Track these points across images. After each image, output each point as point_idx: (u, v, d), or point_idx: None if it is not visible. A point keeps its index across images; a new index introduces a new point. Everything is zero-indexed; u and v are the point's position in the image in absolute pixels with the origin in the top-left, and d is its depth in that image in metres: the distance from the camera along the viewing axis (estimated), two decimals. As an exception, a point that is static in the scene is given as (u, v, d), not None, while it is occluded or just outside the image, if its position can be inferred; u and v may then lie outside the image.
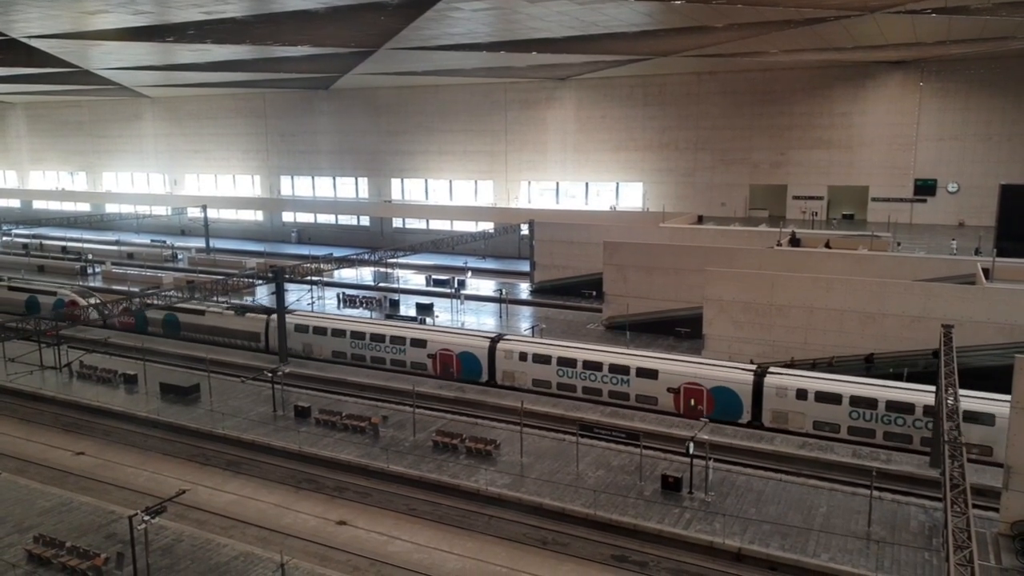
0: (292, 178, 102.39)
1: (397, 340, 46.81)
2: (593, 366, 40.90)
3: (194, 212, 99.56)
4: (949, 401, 24.71)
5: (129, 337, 54.65)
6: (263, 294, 65.02)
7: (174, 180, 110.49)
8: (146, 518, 23.60)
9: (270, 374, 40.66)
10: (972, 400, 32.04)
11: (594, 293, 58.72)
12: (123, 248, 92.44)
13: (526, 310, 61.95)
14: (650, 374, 39.37)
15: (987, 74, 66.21)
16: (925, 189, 69.99)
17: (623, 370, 40.05)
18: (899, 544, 26.14)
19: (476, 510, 30.64)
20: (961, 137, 68.18)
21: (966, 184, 68.23)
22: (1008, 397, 25.16)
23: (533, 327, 52.27)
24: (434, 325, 51.86)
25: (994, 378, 32.08)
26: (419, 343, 46.11)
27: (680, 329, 49.60)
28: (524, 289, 67.95)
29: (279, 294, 48.30)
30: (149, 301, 50.09)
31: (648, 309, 51.45)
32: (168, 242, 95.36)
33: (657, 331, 50.83)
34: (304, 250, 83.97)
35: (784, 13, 43.94)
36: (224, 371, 46.53)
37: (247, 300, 61.84)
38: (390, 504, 31.53)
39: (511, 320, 58.36)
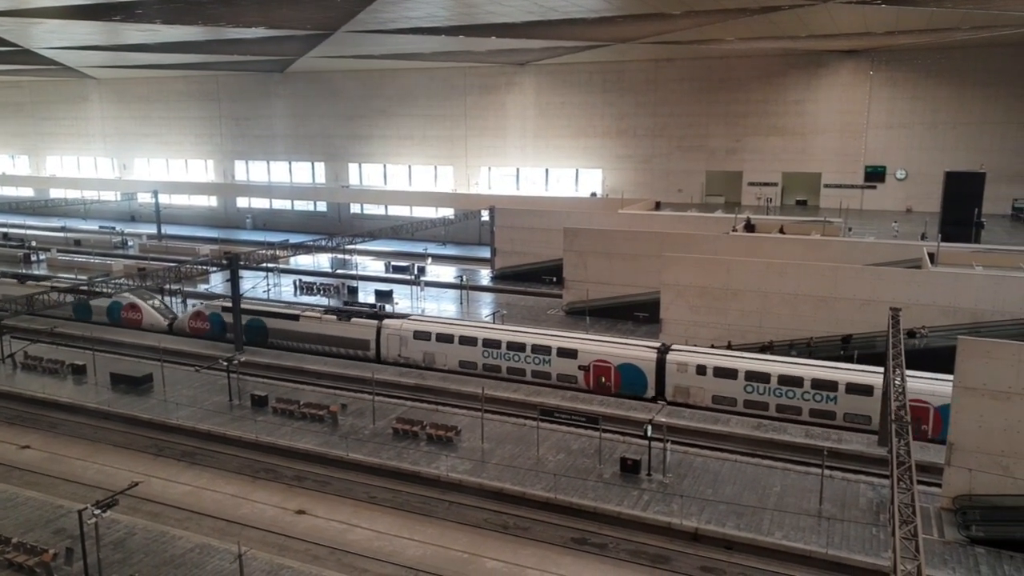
0: (247, 163, 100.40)
1: (541, 349, 41.48)
2: (725, 373, 37.36)
3: (145, 197, 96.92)
4: (896, 382, 25.43)
5: (77, 326, 52.55)
6: (217, 282, 63.81)
7: (123, 164, 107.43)
8: (96, 512, 23.04)
9: (225, 363, 39.99)
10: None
11: (554, 279, 58.97)
12: (69, 235, 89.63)
13: (487, 296, 61.95)
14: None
15: (933, 64, 67.94)
16: (875, 176, 71.74)
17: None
18: (849, 520, 26.93)
19: (437, 496, 30.65)
20: (909, 125, 69.96)
21: (913, 171, 70.12)
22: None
23: (494, 313, 52.27)
24: (586, 333, 45.88)
25: (940, 359, 33.15)
26: (568, 353, 40.85)
27: (639, 314, 50.15)
28: (485, 275, 67.88)
29: (234, 281, 47.42)
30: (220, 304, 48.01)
31: (607, 294, 51.88)
32: (117, 228, 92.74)
33: (616, 316, 51.35)
34: (260, 236, 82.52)
35: (741, 1, 44.48)
36: (178, 360, 45.60)
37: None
38: (350, 492, 31.35)
39: (472, 307, 58.29)
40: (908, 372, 35.08)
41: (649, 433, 30.92)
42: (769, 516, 27.44)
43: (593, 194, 79.31)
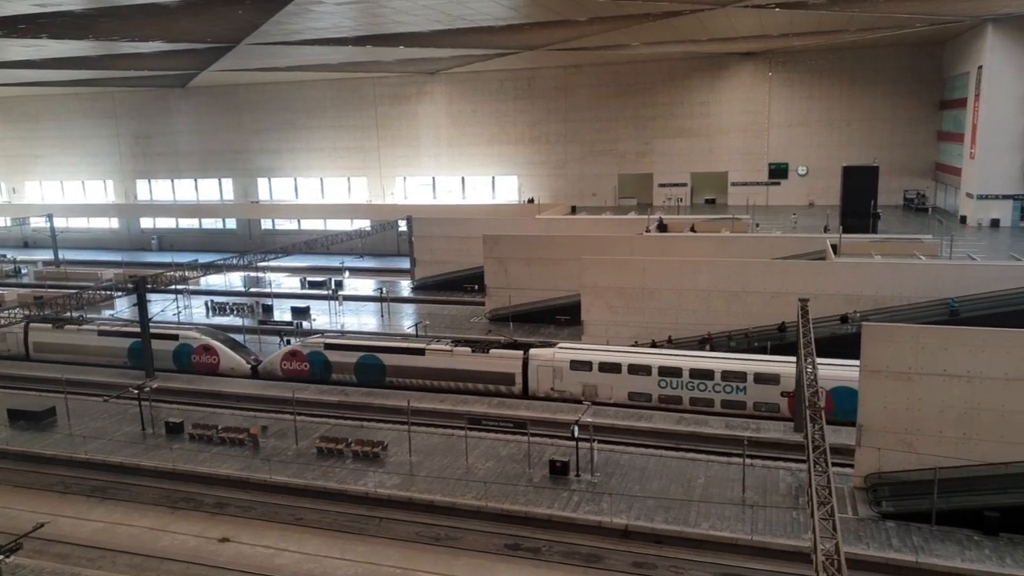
0: (149, 182, 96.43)
1: (734, 376, 36.76)
2: None
3: (38, 222, 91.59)
4: (808, 370, 26.50)
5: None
6: (123, 306, 60.86)
7: (12, 188, 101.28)
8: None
9: (136, 391, 38.12)
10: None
11: (476, 287, 58.92)
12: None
13: (408, 307, 61.32)
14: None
15: (826, 65, 71.63)
16: (778, 172, 74.97)
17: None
18: (771, 506, 27.85)
19: (366, 514, 30.03)
20: (807, 123, 73.47)
21: (813, 167, 73.63)
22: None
23: (416, 324, 51.77)
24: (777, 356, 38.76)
25: (845, 345, 34.80)
26: (768, 379, 36.05)
27: (560, 317, 50.65)
28: (405, 286, 67.18)
29: (141, 306, 45.32)
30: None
31: (529, 299, 52.18)
32: (9, 256, 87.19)
33: (539, 320, 51.70)
34: (166, 257, 79.23)
35: (644, 7, 45.63)
36: (82, 391, 43.16)
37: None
38: (275, 516, 30.36)
39: (394, 319, 57.57)
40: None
41: (576, 434, 31.19)
42: (695, 508, 28.08)
43: (531, 200, 79.43)
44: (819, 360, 26.89)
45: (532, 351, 40.81)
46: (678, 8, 46.50)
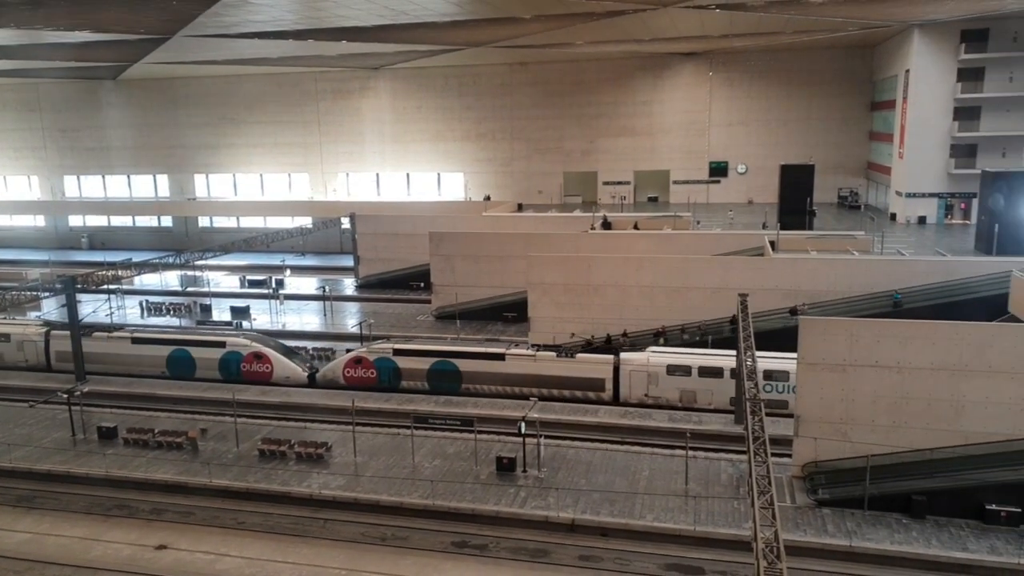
0: (78, 178, 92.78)
1: None
2: None
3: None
4: (748, 363, 27.14)
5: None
6: (51, 307, 58.46)
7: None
8: (-84, 573, 20.41)
9: (65, 395, 36.62)
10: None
11: (422, 284, 58.47)
12: None
13: (352, 306, 60.50)
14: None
15: (764, 65, 73.40)
16: (718, 171, 76.54)
17: None
18: (713, 497, 28.42)
19: (310, 515, 29.50)
20: (746, 122, 75.17)
21: (753, 165, 75.40)
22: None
23: (361, 323, 51.10)
24: None
25: (781, 339, 35.68)
26: None
27: (507, 314, 50.69)
28: (349, 285, 66.24)
29: (71, 306, 43.55)
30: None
31: (476, 297, 52.05)
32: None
33: (486, 318, 51.63)
34: (98, 256, 76.32)
35: (587, 6, 45.96)
36: (4, 397, 41.29)
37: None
38: (216, 520, 29.57)
39: (337, 318, 56.73)
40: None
41: (523, 430, 31.26)
42: (640, 500, 28.45)
43: (487, 197, 78.78)
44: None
45: (623, 355, 39.12)
46: (621, 7, 46.99)
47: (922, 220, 60.56)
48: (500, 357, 40.42)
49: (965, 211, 60.18)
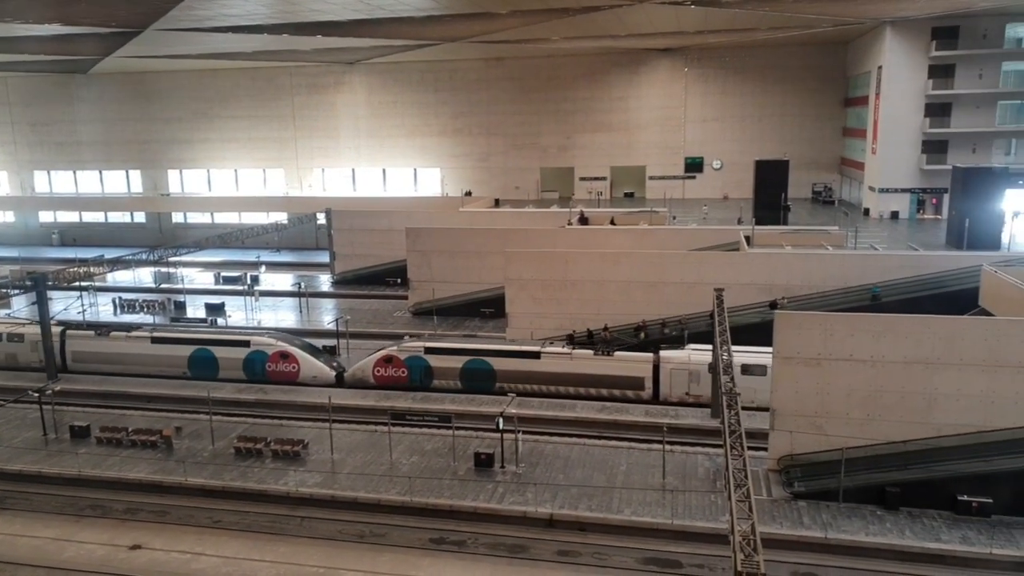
0: (49, 173, 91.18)
1: None
2: None
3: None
4: (724, 357, 27.35)
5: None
6: (22, 305, 57.41)
7: None
8: None
9: (36, 393, 35.99)
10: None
11: (399, 280, 58.22)
12: None
13: (328, 303, 60.09)
14: None
15: (739, 62, 73.94)
16: (694, 167, 77.03)
17: None
18: (690, 491, 28.63)
19: (287, 513, 29.29)
20: (721, 118, 75.69)
21: (728, 161, 75.95)
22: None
23: (337, 320, 50.77)
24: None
25: (757, 332, 36.00)
26: None
27: (485, 310, 50.63)
28: (325, 281, 65.80)
29: (41, 304, 42.80)
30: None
31: (453, 293, 51.92)
32: None
33: (463, 314, 51.58)
34: (70, 253, 75.02)
35: (563, 1, 45.97)
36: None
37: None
38: (191, 519, 29.24)
39: (313, 314, 56.32)
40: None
41: (501, 426, 31.26)
42: (618, 495, 28.58)
43: (468, 193, 78.18)
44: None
45: (663, 353, 38.21)
46: (597, 3, 47.05)
47: (895, 215, 61.44)
48: (535, 355, 39.31)
49: (936, 206, 61.15)
